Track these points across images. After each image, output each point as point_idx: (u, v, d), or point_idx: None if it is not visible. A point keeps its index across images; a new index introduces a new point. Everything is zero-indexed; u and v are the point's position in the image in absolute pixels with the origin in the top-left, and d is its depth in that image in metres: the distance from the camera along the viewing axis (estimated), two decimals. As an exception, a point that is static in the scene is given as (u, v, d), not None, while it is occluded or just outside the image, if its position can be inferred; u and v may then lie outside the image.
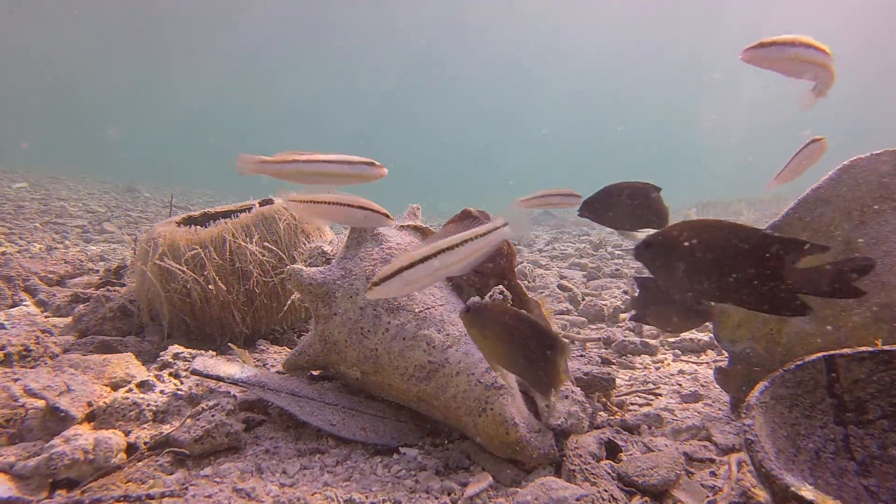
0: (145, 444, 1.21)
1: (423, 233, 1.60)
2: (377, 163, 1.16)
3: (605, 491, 1.07)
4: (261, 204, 2.20)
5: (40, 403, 1.29)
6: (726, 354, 1.57)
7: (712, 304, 1.44)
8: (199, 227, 1.93)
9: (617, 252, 4.85)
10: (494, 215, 1.41)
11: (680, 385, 1.76)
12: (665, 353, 2.13)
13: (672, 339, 2.22)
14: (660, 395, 1.67)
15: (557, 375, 0.98)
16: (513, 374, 1.06)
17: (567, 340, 1.32)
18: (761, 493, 1.06)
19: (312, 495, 1.04)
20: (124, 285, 2.38)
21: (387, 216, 1.18)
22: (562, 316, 2.70)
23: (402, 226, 1.58)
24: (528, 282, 3.55)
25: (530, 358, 0.97)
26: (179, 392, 1.41)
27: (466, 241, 0.91)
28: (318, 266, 1.50)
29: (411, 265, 0.89)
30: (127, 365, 1.58)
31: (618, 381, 1.73)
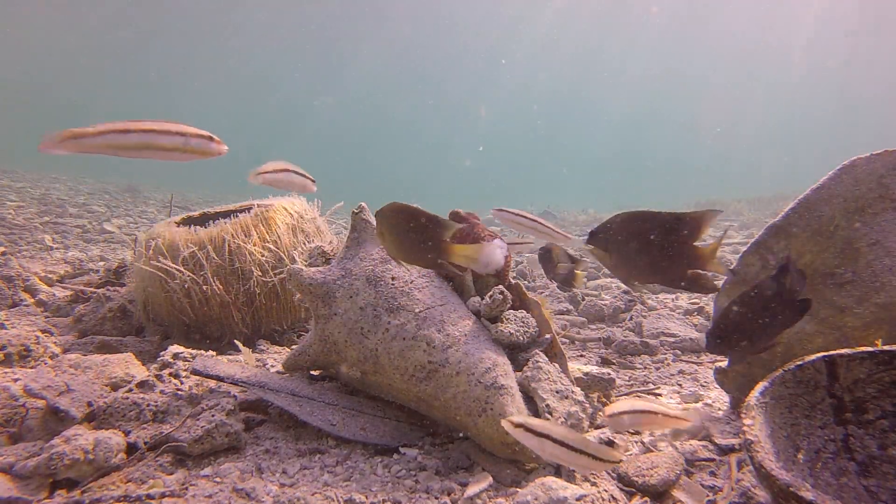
0: (145, 444, 1.21)
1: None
2: (217, 138, 0.96)
3: (605, 491, 1.07)
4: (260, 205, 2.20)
5: (40, 403, 1.29)
6: (726, 354, 1.57)
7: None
8: (198, 227, 1.93)
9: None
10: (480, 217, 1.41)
11: (680, 385, 1.76)
12: (665, 353, 2.13)
13: (672, 340, 2.22)
14: (660, 395, 1.67)
15: (447, 250, 1.05)
16: (415, 265, 1.12)
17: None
18: (761, 493, 1.06)
19: (312, 495, 1.04)
20: (124, 285, 2.38)
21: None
22: (562, 316, 2.70)
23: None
24: (528, 282, 3.55)
25: (421, 242, 1.05)
26: (179, 392, 1.41)
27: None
28: (318, 266, 1.50)
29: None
30: (127, 365, 1.58)
31: (618, 381, 1.73)
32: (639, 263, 1.03)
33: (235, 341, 1.85)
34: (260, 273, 1.89)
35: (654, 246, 1.01)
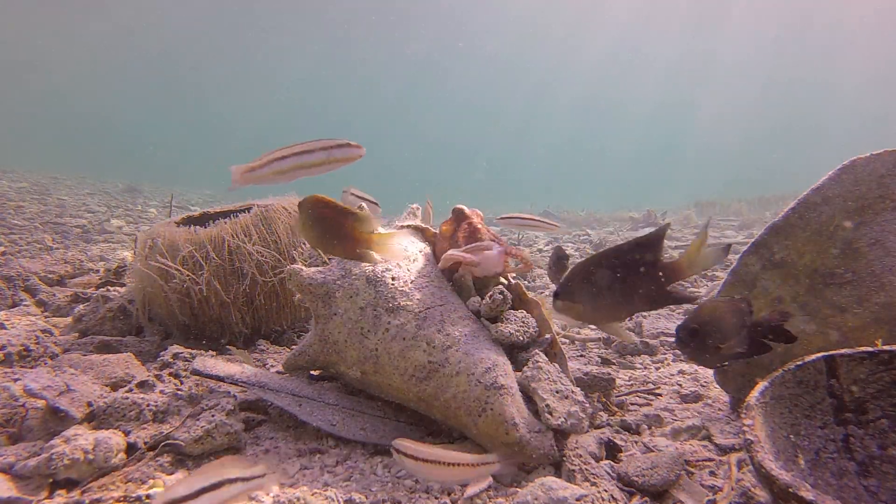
0: (145, 444, 1.21)
1: (422, 232, 1.60)
2: (354, 142, 1.07)
3: (605, 491, 1.07)
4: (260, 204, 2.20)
5: (40, 403, 1.29)
6: (726, 354, 1.57)
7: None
8: (198, 227, 1.93)
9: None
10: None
11: (680, 385, 1.76)
12: (665, 353, 2.13)
13: (672, 340, 2.22)
14: (660, 395, 1.67)
15: (368, 241, 1.12)
16: (334, 255, 1.19)
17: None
18: (761, 493, 1.06)
19: (312, 495, 1.04)
20: (124, 285, 2.38)
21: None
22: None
23: (401, 226, 1.58)
24: (528, 282, 3.55)
25: (339, 235, 1.10)
26: (179, 392, 1.41)
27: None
28: (317, 266, 1.50)
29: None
30: (127, 365, 1.58)
31: (618, 381, 1.73)
32: (615, 303, 1.04)
33: (229, 346, 1.85)
34: (259, 273, 1.89)
35: (624, 280, 1.02)
